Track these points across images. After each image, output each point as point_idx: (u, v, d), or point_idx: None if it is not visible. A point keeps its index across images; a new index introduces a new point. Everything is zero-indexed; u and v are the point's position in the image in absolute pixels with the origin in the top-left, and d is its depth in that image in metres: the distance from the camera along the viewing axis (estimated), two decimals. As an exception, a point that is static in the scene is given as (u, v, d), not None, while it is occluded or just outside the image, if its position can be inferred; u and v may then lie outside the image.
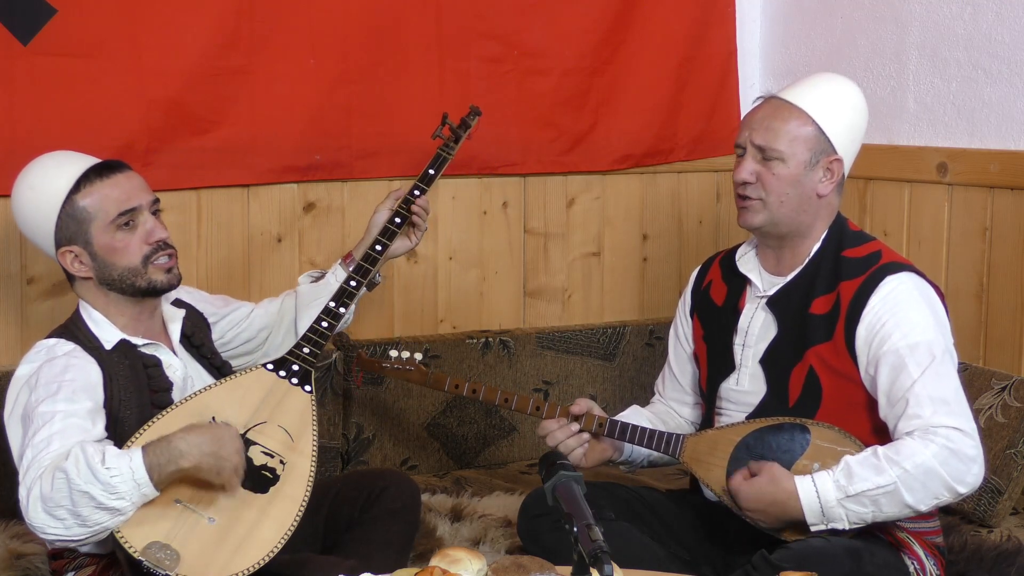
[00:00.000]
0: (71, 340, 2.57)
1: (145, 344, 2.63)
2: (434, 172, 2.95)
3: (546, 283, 3.91)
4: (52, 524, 2.32)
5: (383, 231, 2.91)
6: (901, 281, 2.67)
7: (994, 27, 3.48)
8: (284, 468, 2.54)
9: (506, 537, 3.05)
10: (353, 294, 2.83)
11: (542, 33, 3.77)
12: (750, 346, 2.80)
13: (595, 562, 1.83)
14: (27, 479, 2.34)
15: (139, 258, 2.59)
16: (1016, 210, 3.41)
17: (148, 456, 2.34)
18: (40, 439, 2.37)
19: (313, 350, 2.73)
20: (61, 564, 2.60)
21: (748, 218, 2.76)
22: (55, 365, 2.50)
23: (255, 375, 2.68)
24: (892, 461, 2.53)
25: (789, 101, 2.74)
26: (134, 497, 2.33)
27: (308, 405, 2.66)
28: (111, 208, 2.57)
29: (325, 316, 2.78)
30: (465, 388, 2.97)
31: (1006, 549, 2.92)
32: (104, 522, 2.33)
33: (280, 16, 3.42)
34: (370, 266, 2.86)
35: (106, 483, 2.30)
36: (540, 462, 2.12)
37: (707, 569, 2.76)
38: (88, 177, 2.58)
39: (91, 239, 2.57)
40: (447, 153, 2.98)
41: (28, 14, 3.12)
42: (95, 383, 2.51)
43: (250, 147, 3.43)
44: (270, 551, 2.41)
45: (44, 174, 2.61)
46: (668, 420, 3.04)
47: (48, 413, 2.40)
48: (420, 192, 2.93)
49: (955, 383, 2.61)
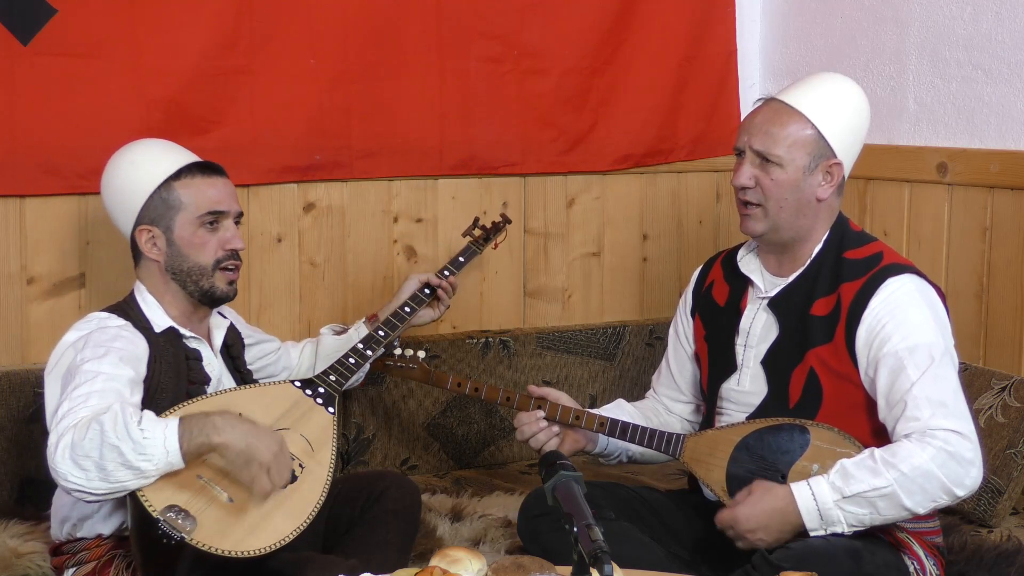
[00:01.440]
0: (123, 317, 2.62)
1: (191, 337, 2.69)
2: (464, 260, 3.22)
3: (546, 283, 3.92)
4: (76, 473, 2.31)
5: (413, 297, 3.08)
6: (902, 283, 2.66)
7: (994, 27, 3.48)
8: (303, 472, 2.56)
9: (506, 537, 3.05)
10: (380, 341, 2.95)
11: (542, 33, 3.77)
12: (751, 347, 2.80)
13: (595, 562, 1.83)
14: (60, 427, 2.34)
15: (212, 259, 2.67)
16: (1016, 210, 3.41)
17: (183, 425, 2.36)
18: (80, 394, 2.39)
19: (339, 379, 2.82)
20: (61, 560, 2.62)
21: (750, 226, 2.76)
22: (107, 332, 2.55)
23: (281, 388, 2.74)
24: (889, 464, 2.52)
25: (788, 104, 2.73)
26: (160, 462, 2.33)
27: (330, 424, 2.71)
28: (203, 204, 2.66)
29: (352, 354, 2.90)
30: (467, 387, 2.98)
31: (1006, 549, 2.92)
32: (126, 481, 2.33)
33: (280, 16, 3.42)
34: (398, 323, 3.01)
35: (138, 442, 2.31)
36: (540, 462, 2.11)
37: (707, 569, 2.76)
38: (190, 169, 2.68)
39: (174, 226, 2.65)
40: (478, 248, 3.27)
41: (28, 14, 3.12)
42: (141, 356, 2.56)
43: (250, 147, 3.43)
44: (282, 539, 2.43)
45: (149, 153, 2.71)
46: (654, 417, 3.03)
47: (92, 372, 2.43)
48: (450, 272, 3.17)
49: (954, 386, 2.61)
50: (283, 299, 3.55)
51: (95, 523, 2.59)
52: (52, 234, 3.26)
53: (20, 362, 3.23)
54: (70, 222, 3.27)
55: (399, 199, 3.68)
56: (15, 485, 3.09)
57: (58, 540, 2.66)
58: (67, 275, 3.29)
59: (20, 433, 3.08)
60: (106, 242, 3.29)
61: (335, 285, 3.62)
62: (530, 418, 2.89)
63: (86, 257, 3.30)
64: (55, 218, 3.26)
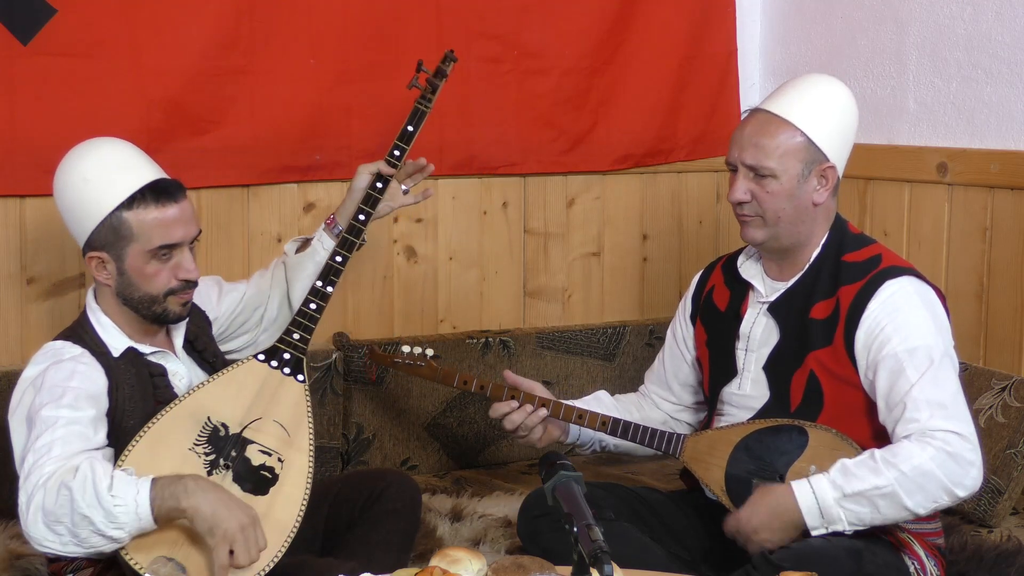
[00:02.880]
0: (79, 344, 2.55)
1: (152, 352, 2.62)
2: (413, 128, 2.86)
3: (546, 283, 3.91)
4: (50, 538, 2.31)
5: (365, 198, 2.84)
6: (901, 285, 2.66)
7: (994, 27, 3.48)
8: (283, 466, 2.53)
9: (506, 537, 3.05)
10: (339, 271, 2.78)
11: (542, 33, 3.77)
12: (753, 351, 2.80)
13: (595, 562, 1.83)
14: (28, 485, 2.33)
15: (163, 290, 2.55)
16: (1016, 210, 3.41)
17: (155, 489, 2.32)
18: (42, 444, 2.36)
19: (303, 335, 2.70)
20: (59, 567, 2.60)
21: (750, 233, 2.76)
22: (62, 369, 2.48)
23: (247, 367, 2.66)
24: (889, 463, 2.52)
25: (775, 113, 2.72)
26: (131, 528, 2.32)
27: (302, 396, 2.65)
28: (155, 237, 2.52)
29: (313, 297, 2.74)
30: (473, 384, 2.99)
31: (1006, 549, 2.92)
32: (100, 546, 2.33)
33: (280, 16, 3.42)
34: (354, 238, 2.81)
35: (108, 511, 2.28)
36: (540, 462, 2.12)
37: (707, 569, 2.76)
38: (144, 196, 2.52)
39: (124, 256, 2.53)
40: (425, 106, 2.86)
41: (28, 14, 3.12)
42: (100, 391, 2.49)
43: (250, 147, 3.43)
44: (272, 558, 2.40)
45: (102, 169, 2.55)
46: (636, 411, 3.04)
47: (51, 418, 2.39)
48: (400, 152, 2.85)
49: (954, 387, 2.61)
50: (283, 299, 3.54)
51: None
52: (52, 234, 3.25)
53: (20, 362, 3.22)
54: (70, 222, 3.27)
55: (399, 199, 3.67)
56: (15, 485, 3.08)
57: None
58: (67, 275, 3.29)
59: (20, 433, 3.08)
60: (106, 242, 3.29)
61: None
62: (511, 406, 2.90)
63: (86, 257, 3.30)
64: (55, 218, 3.22)
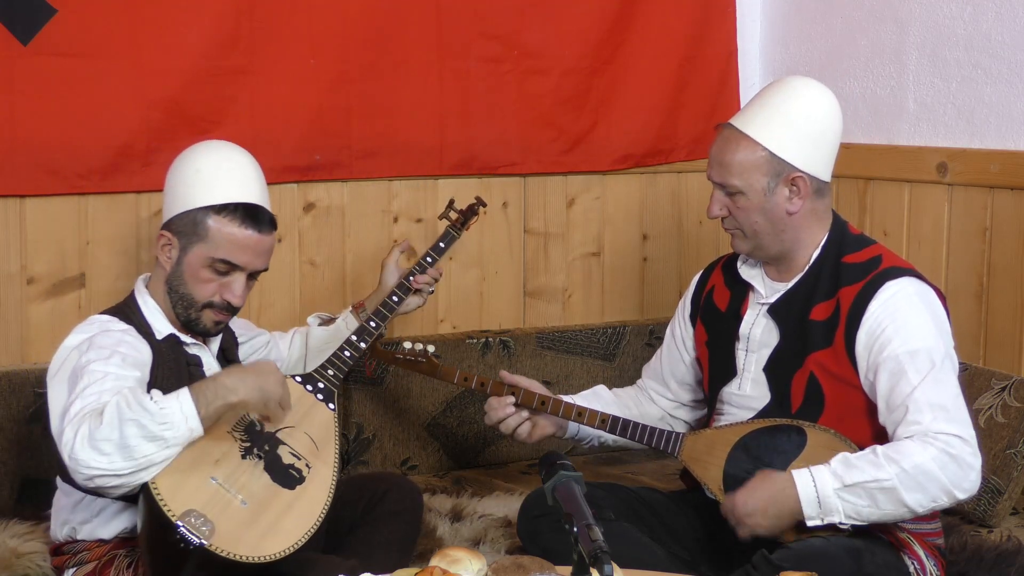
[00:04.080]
0: (125, 321, 2.61)
1: (191, 344, 2.69)
2: (444, 246, 3.11)
3: (546, 283, 3.91)
4: (97, 459, 2.30)
5: (400, 286, 3.03)
6: (901, 286, 2.66)
7: (994, 27, 3.48)
8: (310, 472, 2.57)
9: (506, 537, 3.05)
10: (372, 333, 2.92)
11: (542, 33, 3.77)
12: (753, 352, 2.80)
13: (595, 562, 1.83)
14: (74, 421, 2.33)
15: (205, 299, 2.65)
16: (1016, 210, 3.41)
17: (194, 393, 2.38)
18: (91, 392, 2.38)
19: (336, 374, 2.80)
20: (62, 560, 2.62)
21: (737, 245, 2.82)
22: (110, 336, 2.54)
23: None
24: (891, 459, 2.53)
25: (737, 129, 2.72)
26: (181, 429, 2.34)
27: (332, 421, 2.71)
28: (222, 249, 2.62)
29: (347, 347, 2.87)
30: (473, 382, 2.99)
31: (1006, 549, 2.92)
32: (150, 454, 2.32)
33: (280, 16, 3.42)
34: (388, 312, 2.98)
35: (155, 412, 2.32)
36: (540, 462, 2.12)
37: (707, 569, 2.76)
38: (235, 211, 2.63)
39: (189, 250, 2.63)
40: (456, 233, 3.15)
41: (28, 14, 3.12)
42: (146, 362, 2.56)
43: (250, 147, 3.38)
44: (295, 542, 2.43)
45: (214, 172, 2.67)
46: (633, 407, 3.05)
47: (100, 372, 2.42)
48: (432, 261, 3.07)
49: (955, 390, 2.60)
50: (283, 299, 3.55)
51: (95, 528, 2.59)
52: (52, 234, 3.25)
53: (20, 362, 3.23)
54: (70, 222, 3.27)
55: (399, 199, 3.68)
56: (15, 485, 3.09)
57: (58, 541, 2.66)
58: (67, 275, 3.29)
59: (20, 433, 3.08)
60: (106, 242, 3.30)
61: (335, 285, 3.61)
62: (500, 403, 2.91)
63: (86, 257, 3.30)
64: (55, 218, 3.26)
